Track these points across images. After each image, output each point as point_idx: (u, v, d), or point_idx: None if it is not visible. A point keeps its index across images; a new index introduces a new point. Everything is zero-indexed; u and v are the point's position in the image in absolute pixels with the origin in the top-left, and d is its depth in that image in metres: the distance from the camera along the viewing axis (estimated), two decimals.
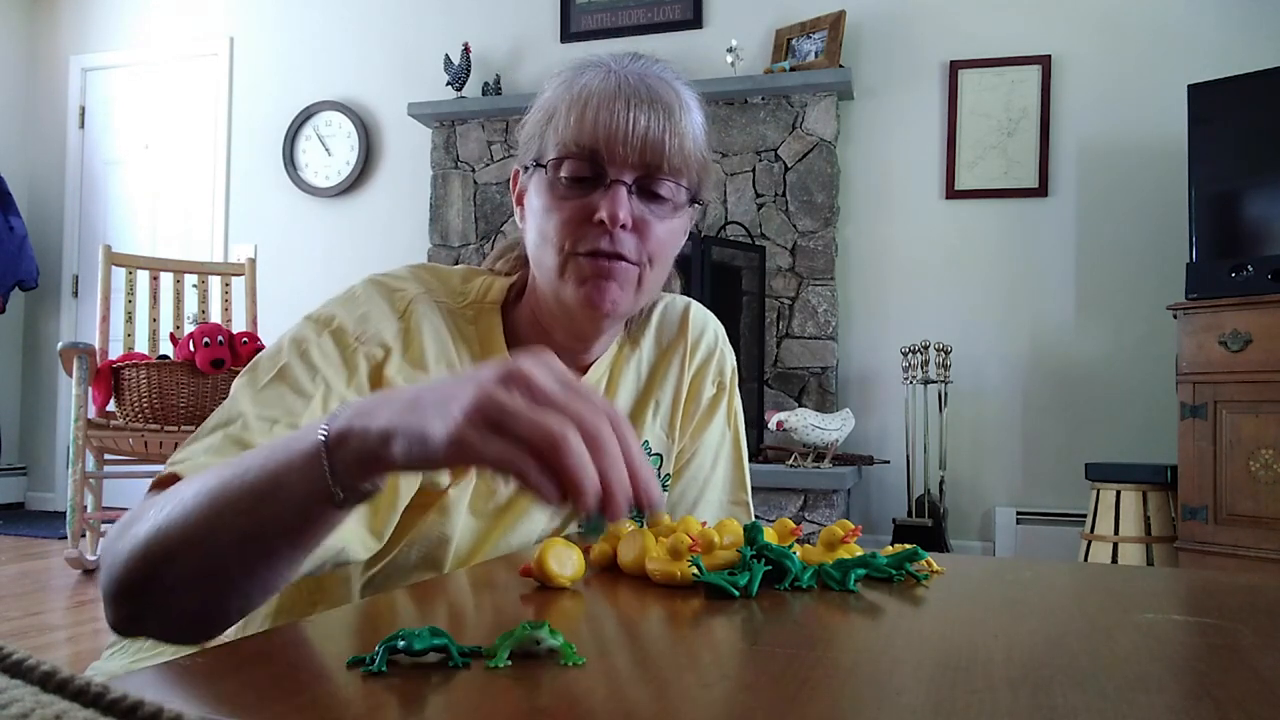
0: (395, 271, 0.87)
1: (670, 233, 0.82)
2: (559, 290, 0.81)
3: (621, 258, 0.79)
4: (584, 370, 0.91)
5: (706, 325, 1.01)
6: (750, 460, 1.06)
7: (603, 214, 0.77)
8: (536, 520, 0.89)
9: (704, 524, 0.74)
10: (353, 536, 0.74)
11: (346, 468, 0.53)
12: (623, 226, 0.78)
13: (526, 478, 0.47)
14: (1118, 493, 3.00)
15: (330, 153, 4.49)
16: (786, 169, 3.74)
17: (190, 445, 0.70)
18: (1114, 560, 2.94)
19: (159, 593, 0.59)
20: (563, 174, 0.79)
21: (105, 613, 0.62)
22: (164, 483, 0.66)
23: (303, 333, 0.79)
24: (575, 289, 0.80)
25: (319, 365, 0.76)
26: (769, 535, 0.72)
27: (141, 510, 0.61)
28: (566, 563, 0.65)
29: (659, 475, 0.97)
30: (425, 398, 0.51)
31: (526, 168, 0.85)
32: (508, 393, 0.48)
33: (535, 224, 0.82)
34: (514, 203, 0.89)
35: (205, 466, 0.66)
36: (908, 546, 0.71)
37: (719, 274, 3.61)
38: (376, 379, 0.79)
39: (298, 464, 0.53)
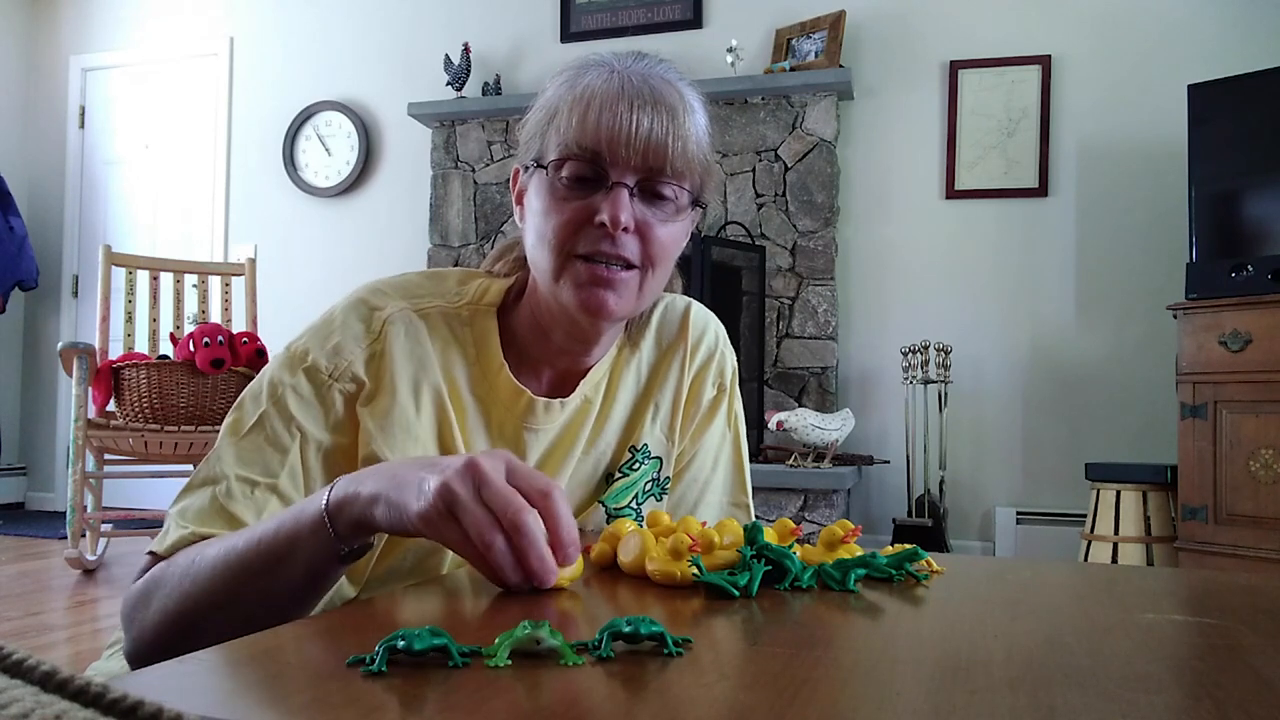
0: (385, 283, 0.87)
1: (671, 235, 0.81)
2: (556, 293, 0.80)
3: (623, 260, 0.78)
4: (582, 374, 0.91)
5: (707, 326, 1.00)
6: (750, 460, 1.06)
7: (604, 217, 0.76)
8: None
9: (704, 524, 0.74)
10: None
11: (345, 528, 0.65)
12: (624, 229, 0.77)
13: (476, 564, 0.61)
14: (1118, 493, 3.01)
15: (330, 153, 4.49)
16: (786, 169, 3.74)
17: (183, 499, 0.78)
18: (1114, 560, 2.94)
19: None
20: (563, 175, 0.78)
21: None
22: (164, 553, 0.75)
23: (279, 375, 0.81)
24: (573, 293, 0.79)
25: (295, 413, 0.79)
26: (769, 535, 0.72)
27: (158, 582, 0.71)
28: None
29: (659, 478, 0.97)
30: (404, 476, 0.63)
31: (526, 167, 0.84)
32: (463, 483, 0.60)
33: (534, 224, 0.81)
34: (514, 202, 0.88)
35: (193, 539, 0.75)
36: (908, 546, 0.71)
37: (719, 274, 3.61)
38: (350, 411, 0.81)
39: (305, 530, 0.66)
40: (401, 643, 0.44)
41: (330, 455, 0.80)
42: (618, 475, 0.93)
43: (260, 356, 3.29)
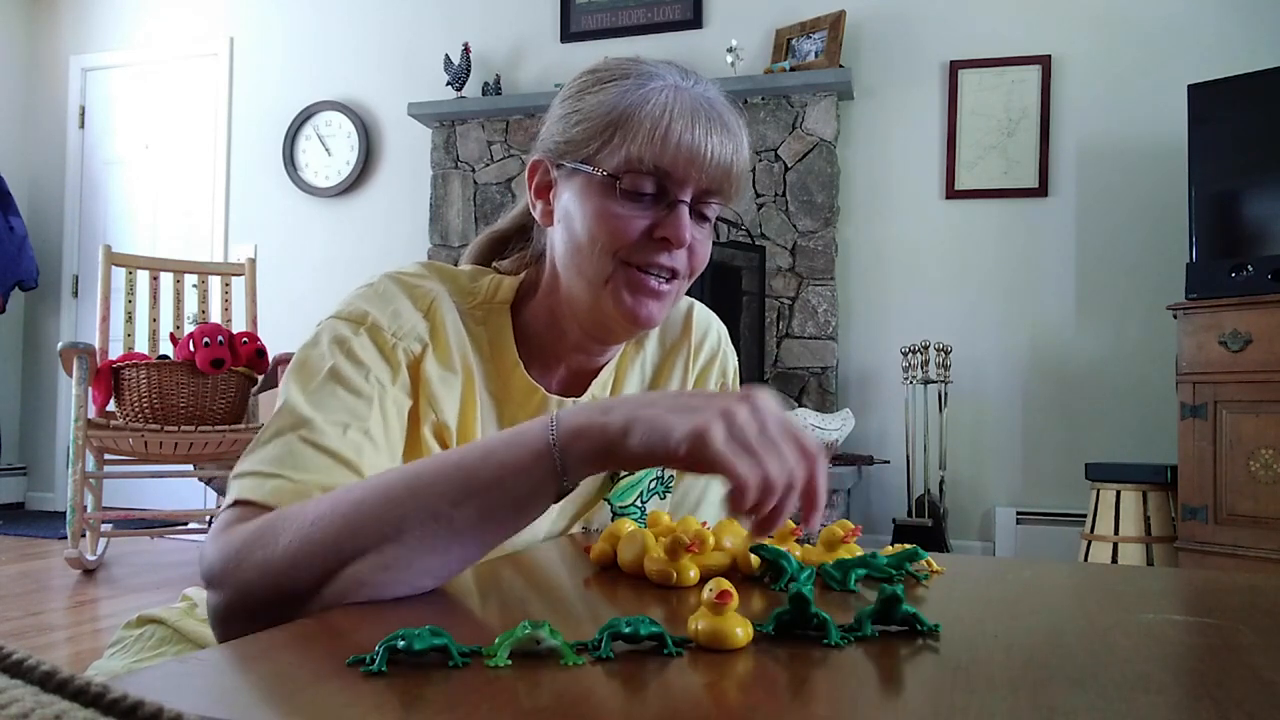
0: (410, 269, 0.86)
1: (709, 248, 0.84)
2: (598, 297, 0.80)
3: (672, 271, 0.80)
4: (595, 372, 0.91)
5: (710, 327, 1.01)
6: None
7: (668, 234, 0.78)
8: (539, 521, 0.89)
9: (704, 524, 0.74)
10: None
11: (576, 460, 0.60)
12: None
13: (746, 486, 0.55)
14: (1118, 493, 3.01)
15: (330, 153, 4.49)
16: (786, 169, 3.74)
17: (254, 454, 0.70)
18: (1114, 560, 2.94)
19: (316, 599, 0.60)
20: (624, 185, 0.78)
21: (224, 634, 0.63)
22: (246, 503, 0.66)
23: (340, 332, 0.77)
24: (621, 299, 0.79)
25: (368, 363, 0.76)
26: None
27: (282, 521, 0.62)
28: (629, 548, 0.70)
29: (663, 476, 0.97)
30: (661, 402, 0.59)
31: (559, 164, 0.83)
32: (748, 415, 0.57)
33: (581, 228, 0.80)
34: (531, 195, 0.87)
35: (297, 487, 0.66)
36: (908, 546, 0.71)
37: (719, 274, 3.61)
38: (415, 375, 0.79)
39: (525, 459, 0.60)
40: (401, 643, 0.44)
41: (403, 413, 0.78)
42: (622, 474, 0.93)
43: (260, 356, 3.29)
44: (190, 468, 3.58)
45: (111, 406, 3.26)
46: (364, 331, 0.77)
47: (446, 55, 4.16)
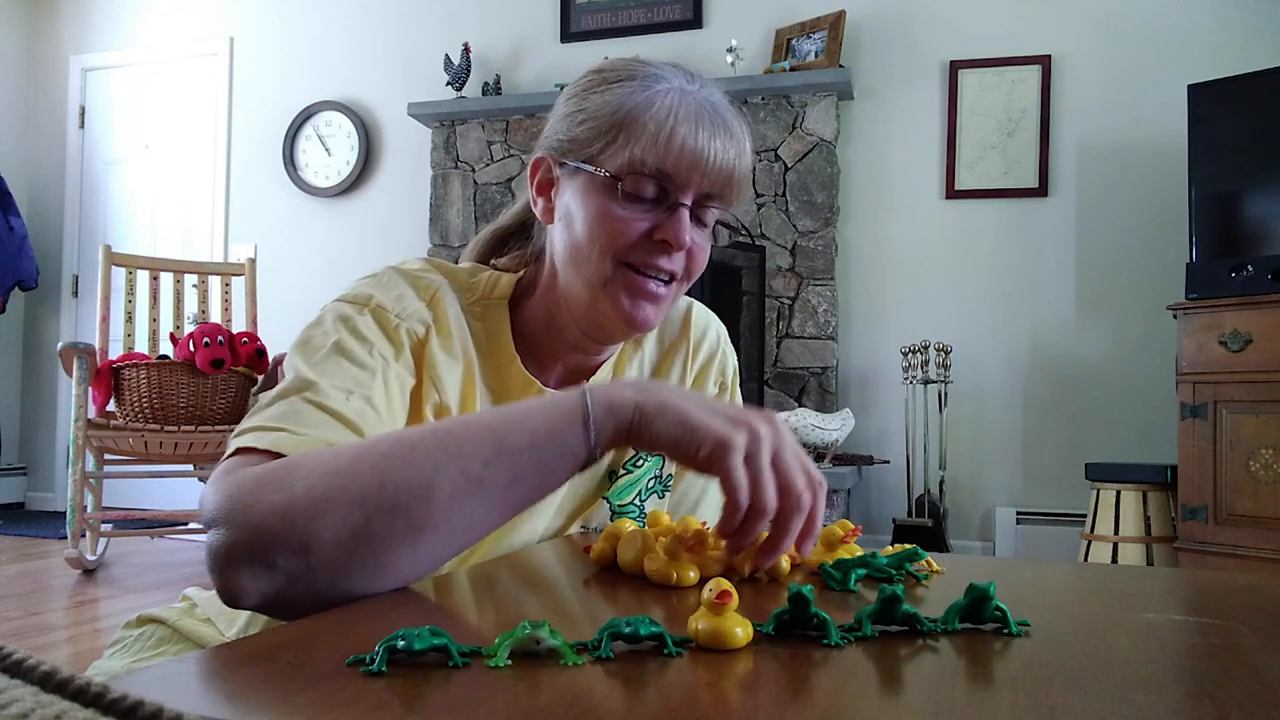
0: (412, 262, 0.86)
1: (707, 251, 0.84)
2: (596, 298, 0.81)
3: (670, 274, 0.81)
4: (592, 371, 0.91)
5: (709, 326, 1.01)
6: None
7: (667, 236, 0.78)
8: (538, 520, 0.89)
9: (704, 524, 0.74)
10: None
11: (607, 433, 0.62)
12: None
13: (739, 508, 0.60)
14: (1118, 493, 3.01)
15: (330, 153, 4.49)
16: (786, 169, 3.74)
17: (256, 415, 0.69)
18: (1114, 560, 2.94)
19: (330, 547, 0.57)
20: (625, 187, 0.78)
21: (224, 578, 0.59)
22: (249, 451, 0.65)
23: (345, 311, 0.78)
24: (619, 301, 0.80)
25: (372, 340, 0.76)
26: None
27: (293, 466, 0.60)
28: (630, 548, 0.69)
29: (662, 475, 0.97)
30: (693, 398, 0.63)
31: (562, 163, 0.83)
32: (771, 437, 0.61)
33: (582, 228, 0.80)
34: (533, 192, 0.87)
35: (301, 439, 0.65)
36: (908, 546, 0.71)
37: (719, 274, 3.61)
38: (419, 355, 0.79)
39: (558, 425, 0.62)
40: (401, 643, 0.44)
41: (405, 390, 0.78)
42: (621, 472, 0.93)
43: (260, 356, 3.29)
44: (190, 468, 3.58)
45: (111, 406, 3.26)
46: (368, 312, 0.78)
47: (446, 55, 4.16)
